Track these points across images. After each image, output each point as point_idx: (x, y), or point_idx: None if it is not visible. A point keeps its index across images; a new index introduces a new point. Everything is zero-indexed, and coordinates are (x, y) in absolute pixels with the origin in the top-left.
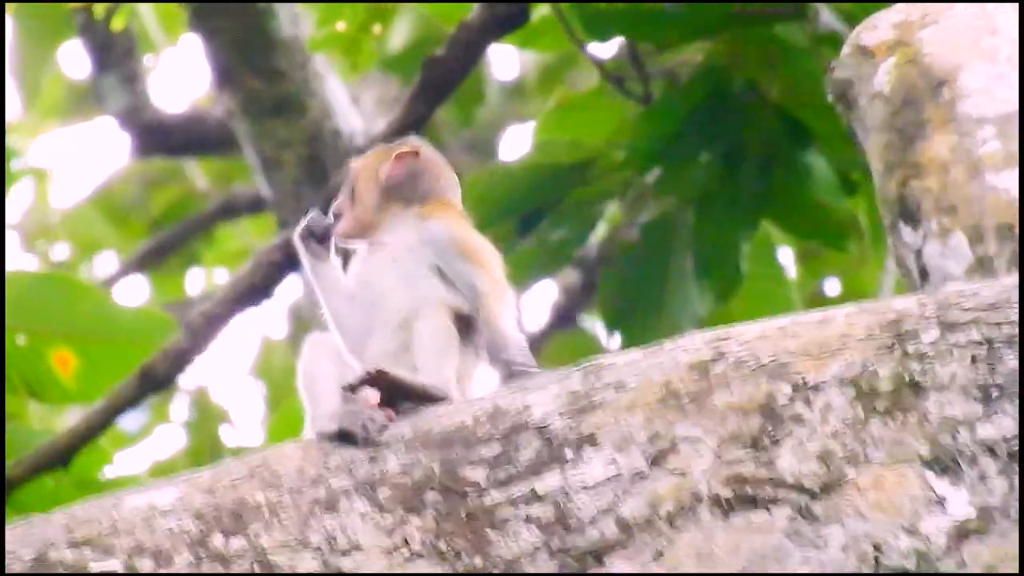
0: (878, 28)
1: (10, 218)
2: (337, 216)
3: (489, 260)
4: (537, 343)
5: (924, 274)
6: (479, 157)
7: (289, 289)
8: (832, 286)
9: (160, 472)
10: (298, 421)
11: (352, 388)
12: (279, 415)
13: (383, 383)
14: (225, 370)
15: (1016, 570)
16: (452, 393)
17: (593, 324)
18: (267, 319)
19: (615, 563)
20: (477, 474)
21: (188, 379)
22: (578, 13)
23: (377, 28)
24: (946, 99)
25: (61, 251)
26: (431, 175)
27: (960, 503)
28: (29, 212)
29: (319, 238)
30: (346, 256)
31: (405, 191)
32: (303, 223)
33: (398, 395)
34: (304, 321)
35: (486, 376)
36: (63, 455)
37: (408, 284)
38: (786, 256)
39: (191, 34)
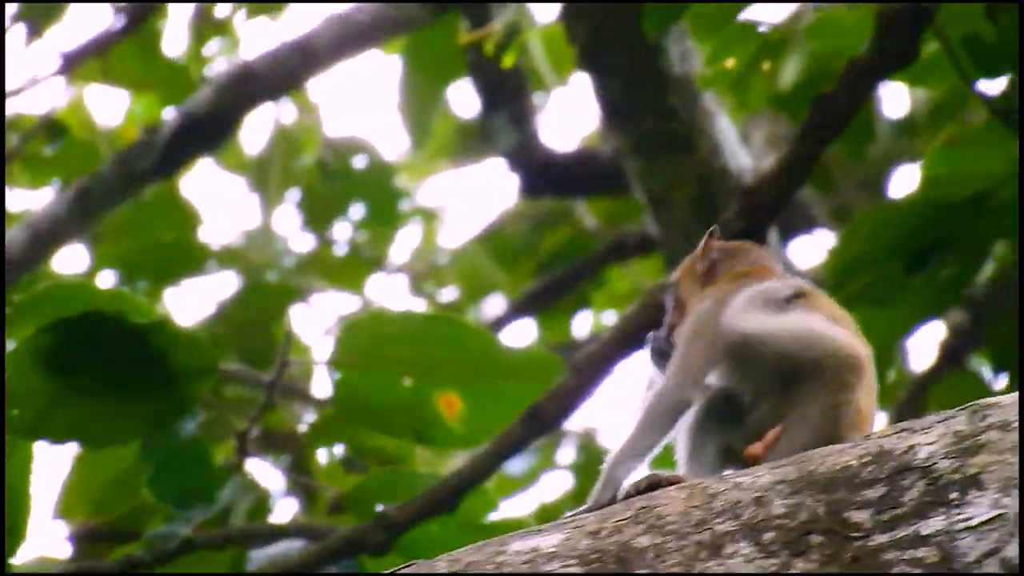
0: None
1: (399, 259)
2: (671, 331)
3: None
4: (924, 384)
5: None
6: (869, 195)
7: None
8: None
9: (546, 516)
10: None
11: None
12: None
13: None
14: (612, 412)
15: None
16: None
17: (982, 365)
18: None
19: None
20: (862, 516)
21: (575, 421)
22: (968, 50)
23: (766, 65)
24: None
25: (449, 293)
26: (730, 259)
27: None
28: (417, 253)
29: (667, 351)
30: None
31: (714, 278)
32: (649, 347)
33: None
34: None
35: None
36: (449, 499)
37: None
38: None
39: (581, 72)
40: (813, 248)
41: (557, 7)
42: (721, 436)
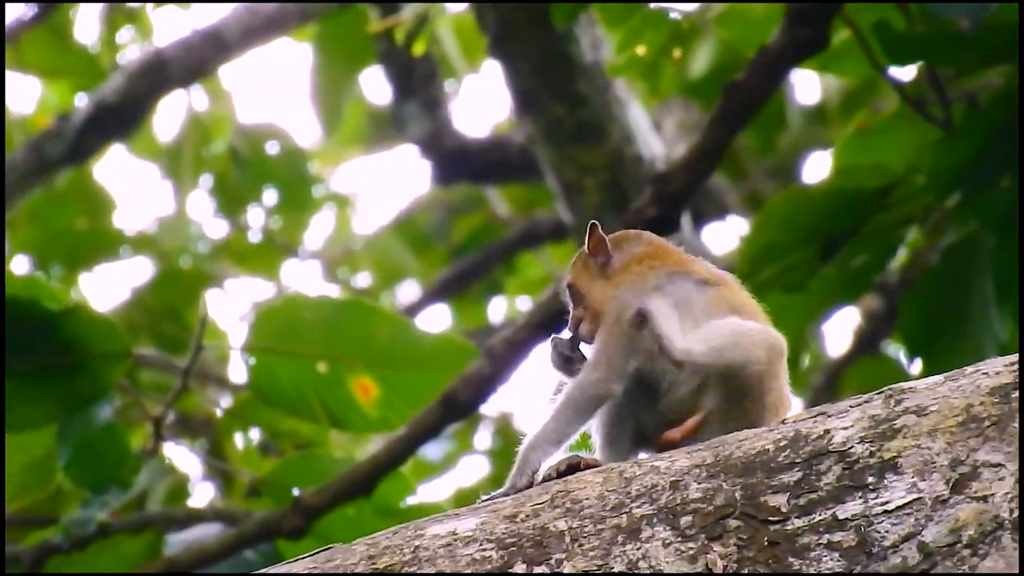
0: None
1: (313, 245)
2: (578, 326)
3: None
4: (839, 369)
5: None
6: (781, 182)
7: None
8: None
9: (463, 500)
10: None
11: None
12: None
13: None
14: (528, 397)
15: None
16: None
17: (896, 350)
18: None
19: None
20: (778, 500)
21: (491, 406)
22: (879, 37)
23: (677, 53)
24: None
25: (363, 279)
26: (624, 243)
27: None
28: (331, 239)
29: (570, 355)
30: None
31: (614, 267)
32: (551, 352)
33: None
34: None
35: None
36: (365, 484)
37: None
38: None
39: (492, 60)
40: (726, 235)
41: None
42: (636, 417)
